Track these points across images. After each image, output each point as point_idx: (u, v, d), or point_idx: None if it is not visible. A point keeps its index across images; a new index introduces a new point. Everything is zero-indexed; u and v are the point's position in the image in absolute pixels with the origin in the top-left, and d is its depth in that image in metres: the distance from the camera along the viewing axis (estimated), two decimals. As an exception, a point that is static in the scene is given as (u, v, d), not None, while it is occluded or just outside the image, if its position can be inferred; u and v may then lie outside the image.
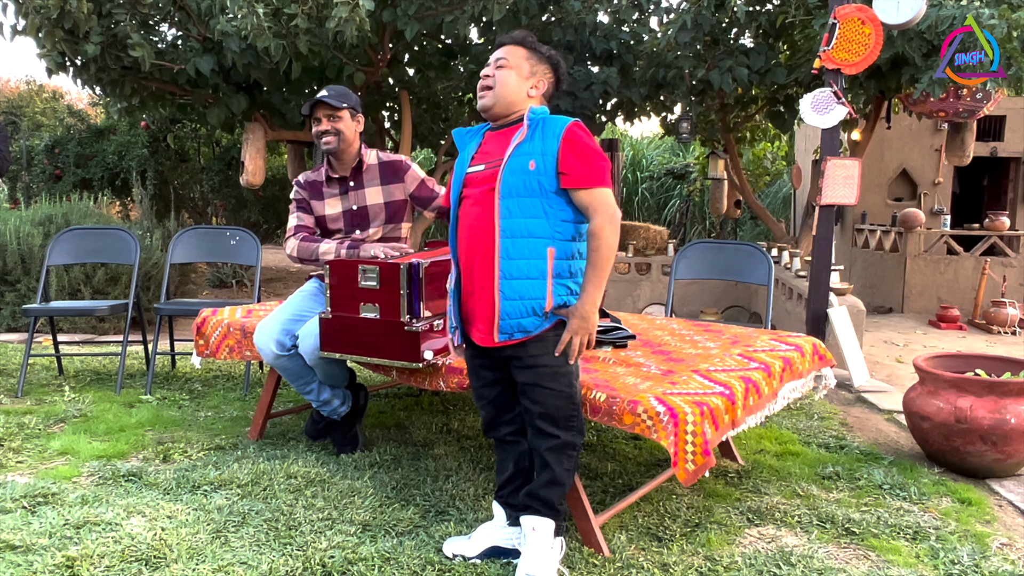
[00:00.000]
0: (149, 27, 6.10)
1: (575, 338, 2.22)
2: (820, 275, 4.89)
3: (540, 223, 2.22)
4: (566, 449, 2.29)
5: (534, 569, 2.24)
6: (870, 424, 4.00)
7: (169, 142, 10.93)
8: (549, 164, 2.21)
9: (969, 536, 2.65)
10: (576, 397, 2.30)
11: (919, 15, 4.54)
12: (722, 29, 6.74)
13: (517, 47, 2.33)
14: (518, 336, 2.25)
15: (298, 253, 3.20)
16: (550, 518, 2.31)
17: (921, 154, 9.28)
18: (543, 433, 2.28)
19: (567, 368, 2.27)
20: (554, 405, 2.26)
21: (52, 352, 4.87)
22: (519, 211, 2.21)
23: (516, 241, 2.22)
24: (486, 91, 2.31)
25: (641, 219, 13.95)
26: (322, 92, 3.17)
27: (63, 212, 6.78)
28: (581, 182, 2.20)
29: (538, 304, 2.23)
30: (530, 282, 2.22)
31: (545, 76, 2.36)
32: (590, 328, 2.21)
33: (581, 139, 2.22)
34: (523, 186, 2.21)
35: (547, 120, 2.27)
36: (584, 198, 2.21)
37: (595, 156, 2.22)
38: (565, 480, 2.31)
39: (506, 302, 2.23)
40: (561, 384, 2.26)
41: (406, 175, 3.28)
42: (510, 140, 2.27)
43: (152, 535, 2.47)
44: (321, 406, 3.25)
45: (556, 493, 2.31)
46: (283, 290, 8.41)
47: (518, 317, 2.23)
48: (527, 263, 2.22)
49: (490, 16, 5.55)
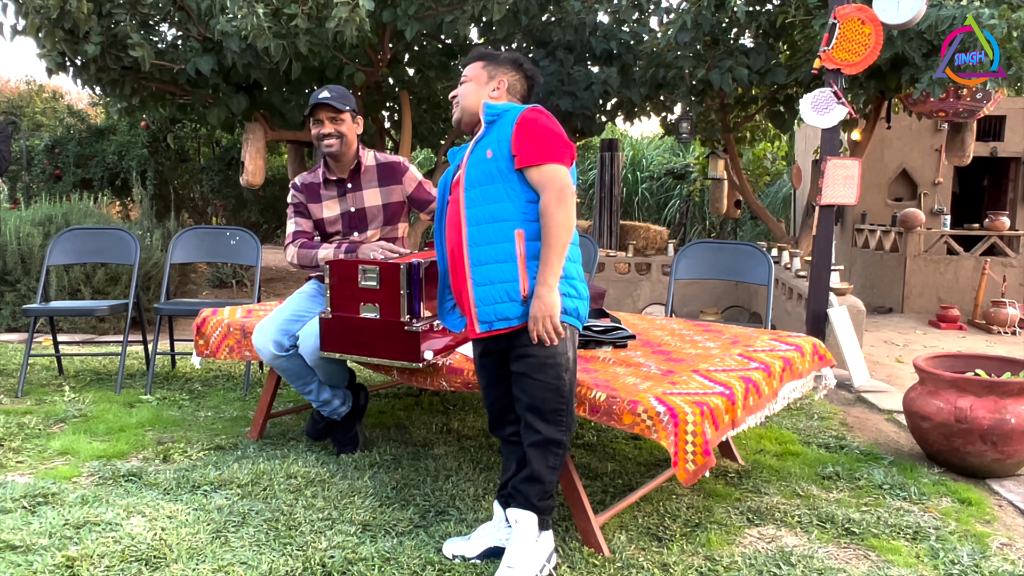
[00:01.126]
0: (149, 27, 6.10)
1: (534, 320, 2.21)
2: (820, 275, 4.89)
3: (504, 207, 2.25)
4: (550, 446, 2.29)
5: (515, 561, 2.25)
6: (870, 424, 4.00)
7: (169, 142, 10.93)
8: (504, 149, 2.26)
9: (969, 536, 2.65)
10: (564, 391, 2.29)
11: (919, 15, 4.54)
12: (722, 29, 6.74)
13: (475, 62, 2.49)
14: (500, 325, 2.26)
15: (298, 260, 3.20)
16: (531, 511, 2.31)
17: (921, 154, 9.28)
18: (528, 427, 2.30)
19: (556, 360, 2.26)
20: (540, 397, 2.26)
21: (52, 352, 4.87)
22: (481, 199, 2.27)
23: (481, 227, 2.26)
24: (455, 108, 2.48)
25: (641, 219, 13.95)
26: (323, 93, 3.13)
27: (63, 212, 6.79)
28: (529, 159, 2.24)
29: (512, 288, 2.24)
30: (499, 266, 2.24)
31: (506, 76, 2.46)
32: (547, 309, 2.20)
33: (534, 121, 2.27)
34: (483, 174, 2.27)
35: (507, 111, 2.33)
36: (534, 176, 2.25)
37: (546, 134, 2.26)
38: (545, 477, 2.30)
39: (478, 288, 2.26)
40: (548, 375, 2.26)
41: (404, 177, 3.27)
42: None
43: (152, 535, 2.47)
44: (321, 406, 3.25)
45: (535, 490, 2.31)
46: (283, 290, 8.41)
47: (492, 303, 2.25)
48: (494, 247, 2.25)
49: (490, 16, 5.55)
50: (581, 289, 2.36)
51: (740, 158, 9.15)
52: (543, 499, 2.33)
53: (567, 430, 2.32)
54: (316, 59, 6.05)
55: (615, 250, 8.98)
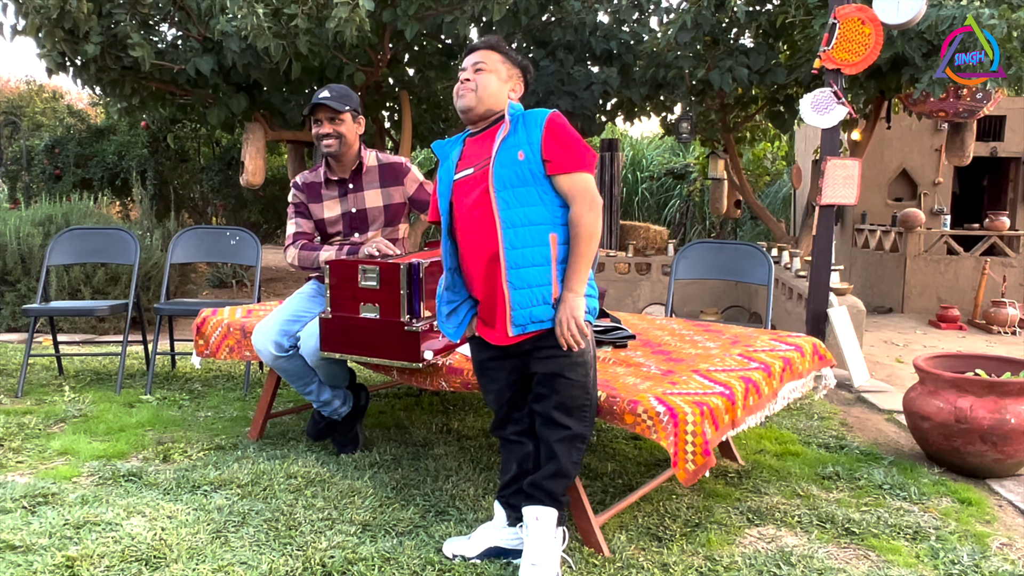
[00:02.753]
0: (149, 27, 6.10)
1: (561, 324, 2.23)
2: (820, 275, 4.89)
3: (539, 210, 2.26)
4: (575, 441, 2.32)
5: (538, 558, 2.25)
6: (870, 424, 4.00)
7: (169, 142, 10.93)
8: (536, 152, 2.26)
9: (969, 536, 2.65)
10: (591, 387, 2.34)
11: (919, 15, 4.54)
12: (722, 29, 6.74)
13: (492, 52, 2.41)
14: (532, 328, 2.27)
15: (299, 262, 3.19)
16: (554, 508, 2.32)
17: (921, 154, 9.28)
18: (555, 423, 2.31)
19: (585, 358, 2.30)
20: (570, 395, 2.29)
21: (52, 352, 4.87)
22: (516, 201, 2.25)
23: (518, 230, 2.25)
24: (468, 92, 2.35)
25: (641, 219, 13.95)
26: (323, 93, 3.11)
27: (63, 212, 6.78)
28: (562, 167, 2.25)
29: (547, 291, 2.26)
30: (536, 269, 2.25)
31: (519, 80, 2.45)
32: (572, 312, 2.22)
33: (562, 127, 2.28)
34: (516, 176, 2.25)
35: (527, 113, 2.33)
36: (564, 184, 2.26)
37: (575, 143, 2.28)
38: (571, 472, 2.34)
39: (515, 292, 2.25)
40: (579, 373, 2.29)
41: (406, 178, 3.26)
42: (493, 141, 2.32)
43: (152, 535, 2.47)
44: (322, 406, 3.25)
45: (561, 485, 2.33)
46: (283, 290, 8.41)
47: (529, 306, 2.25)
48: (531, 251, 2.25)
49: (490, 16, 5.55)
50: (592, 286, 2.40)
51: (740, 158, 9.15)
52: (566, 493, 2.38)
53: (591, 425, 2.36)
54: (316, 59, 6.05)
55: (615, 250, 8.98)
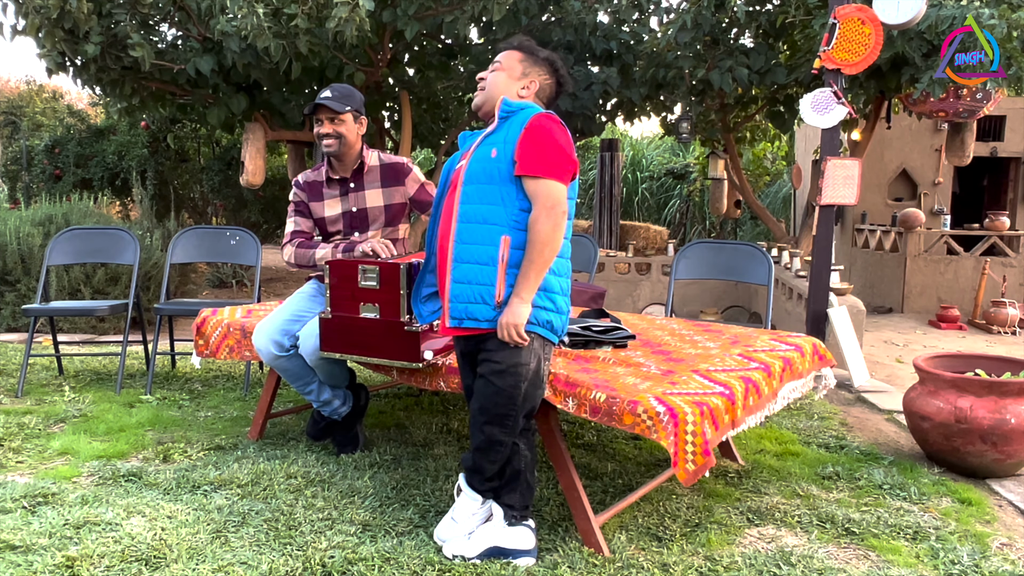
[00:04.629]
0: (149, 27, 6.10)
1: (500, 328, 2.24)
2: (820, 275, 4.89)
3: (496, 210, 2.26)
4: (494, 445, 2.34)
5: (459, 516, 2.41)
6: (870, 424, 4.00)
7: (169, 142, 10.93)
8: (509, 152, 2.26)
9: (969, 536, 2.65)
10: (518, 400, 2.30)
11: (919, 15, 4.54)
12: (722, 29, 6.74)
13: (513, 51, 2.44)
14: (468, 324, 2.28)
15: (295, 260, 3.19)
16: (473, 491, 2.41)
17: (921, 154, 9.28)
18: (476, 423, 2.33)
19: (516, 369, 2.27)
20: (492, 401, 2.29)
21: (52, 352, 4.87)
22: (476, 197, 2.27)
23: (470, 226, 2.27)
24: (479, 91, 2.45)
25: (641, 219, 13.95)
26: (325, 92, 3.12)
27: (63, 212, 6.78)
28: (529, 169, 2.23)
29: (487, 291, 2.26)
30: (478, 267, 2.26)
31: (540, 77, 2.43)
32: (514, 319, 2.22)
33: (543, 129, 2.25)
34: (483, 173, 2.28)
35: (519, 111, 2.32)
36: (530, 186, 2.25)
37: (552, 148, 2.24)
38: (485, 470, 2.38)
39: (455, 284, 2.28)
40: (506, 382, 2.28)
41: (407, 178, 3.26)
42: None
43: (152, 535, 2.47)
44: (322, 406, 3.25)
45: (475, 479, 2.40)
46: (283, 290, 8.41)
47: (465, 302, 2.27)
48: (477, 248, 2.26)
49: (490, 16, 5.55)
50: (560, 303, 2.35)
51: (740, 158, 9.15)
52: (483, 484, 2.41)
53: (511, 432, 2.34)
54: (316, 59, 6.05)
55: (615, 250, 8.99)
